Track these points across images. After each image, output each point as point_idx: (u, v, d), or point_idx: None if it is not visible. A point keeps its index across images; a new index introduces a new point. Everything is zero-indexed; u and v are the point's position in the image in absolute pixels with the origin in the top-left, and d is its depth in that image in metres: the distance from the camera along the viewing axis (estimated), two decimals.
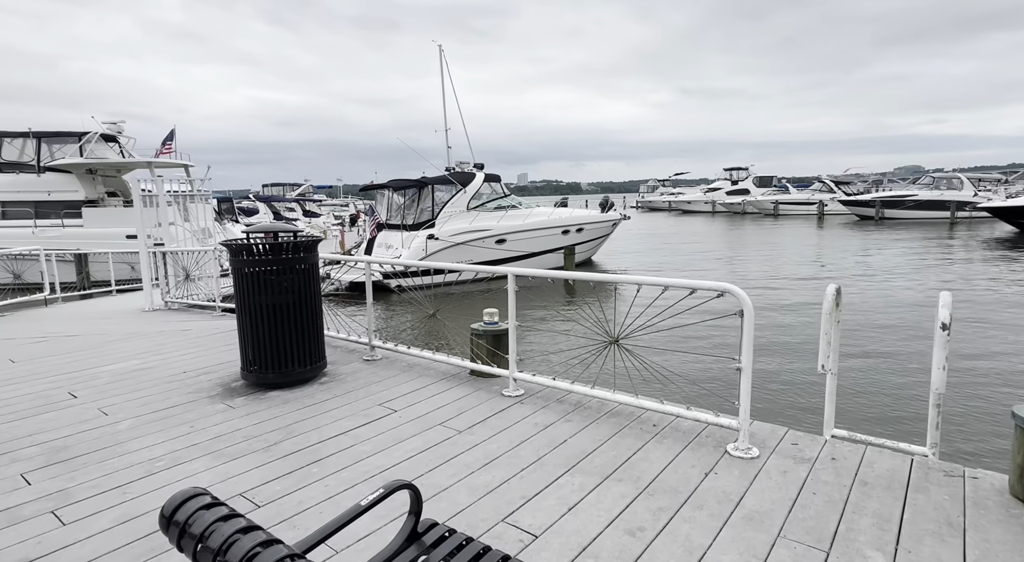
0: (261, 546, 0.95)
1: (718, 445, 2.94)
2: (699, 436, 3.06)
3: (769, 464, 2.72)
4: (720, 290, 2.84)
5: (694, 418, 3.15)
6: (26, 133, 15.66)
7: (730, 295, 2.81)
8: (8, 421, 3.48)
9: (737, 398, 2.90)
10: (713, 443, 2.97)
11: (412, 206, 15.60)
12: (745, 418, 2.85)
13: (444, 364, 4.47)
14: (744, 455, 2.80)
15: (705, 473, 2.65)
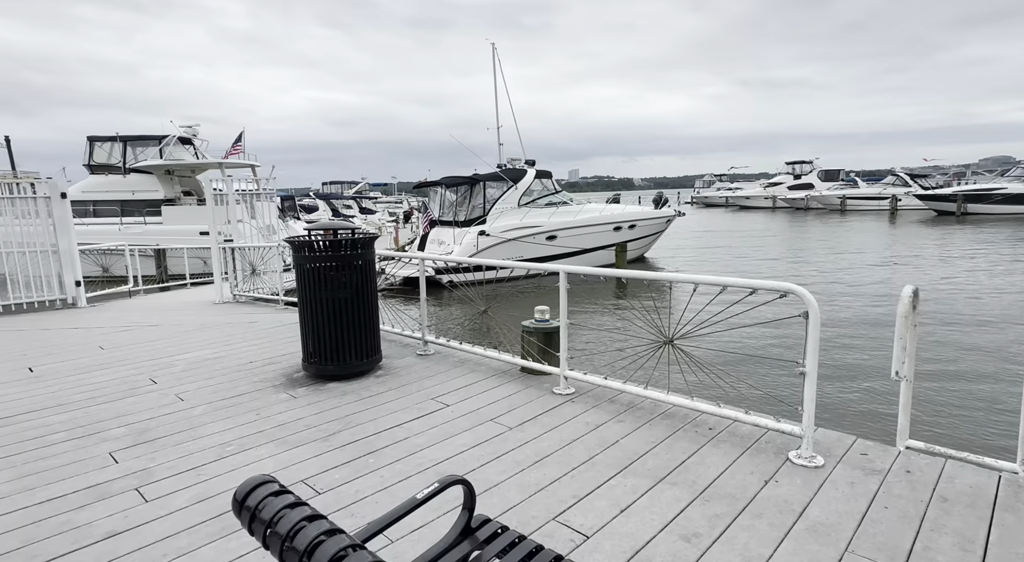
0: (325, 535, 0.99)
1: (779, 452, 2.82)
2: (758, 442, 2.94)
3: (835, 474, 2.58)
4: (783, 291, 2.72)
5: (753, 423, 3.04)
6: (114, 137, 16.98)
7: (794, 296, 2.68)
8: (98, 403, 3.79)
9: (800, 404, 2.77)
10: (773, 450, 2.85)
11: (464, 203, 15.80)
12: (809, 425, 2.72)
13: (495, 360, 4.51)
14: (807, 463, 2.67)
15: (765, 480, 2.54)
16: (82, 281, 7.83)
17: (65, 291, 7.69)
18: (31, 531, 2.31)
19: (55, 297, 7.65)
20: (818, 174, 48.18)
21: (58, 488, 2.66)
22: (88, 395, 3.96)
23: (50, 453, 3.04)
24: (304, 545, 0.98)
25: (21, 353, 5.15)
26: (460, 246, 14.43)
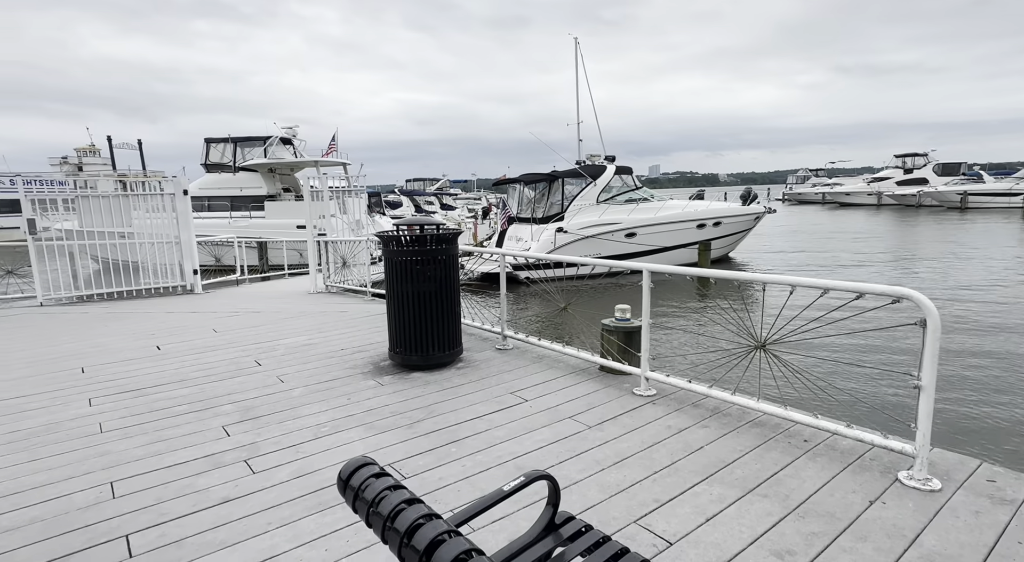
0: (423, 518, 1.03)
1: (886, 471, 2.59)
2: (861, 458, 2.72)
3: (955, 500, 2.33)
4: (897, 296, 2.48)
5: (855, 437, 2.81)
6: (226, 139, 18.66)
7: (909, 301, 2.44)
8: (212, 381, 4.19)
9: (913, 420, 2.52)
10: (880, 468, 2.62)
11: (542, 199, 15.82)
12: (924, 444, 2.47)
13: (573, 358, 4.49)
14: (921, 486, 2.43)
15: (870, 501, 2.35)
16: (199, 270, 8.68)
17: (184, 278, 8.57)
18: (160, 491, 2.61)
19: (176, 284, 8.54)
20: (934, 168, 43.53)
21: (181, 455, 2.97)
22: (204, 373, 4.39)
23: (173, 424, 3.40)
24: (404, 527, 1.03)
25: (150, 333, 5.80)
26: (538, 243, 14.47)
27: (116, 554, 2.15)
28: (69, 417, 3.51)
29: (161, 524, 2.34)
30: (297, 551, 2.16)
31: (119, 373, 4.41)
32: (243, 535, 2.26)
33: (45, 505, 2.49)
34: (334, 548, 2.17)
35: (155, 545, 2.20)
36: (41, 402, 3.78)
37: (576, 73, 18.73)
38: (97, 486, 2.65)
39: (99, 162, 37.53)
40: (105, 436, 3.22)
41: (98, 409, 3.64)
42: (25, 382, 4.21)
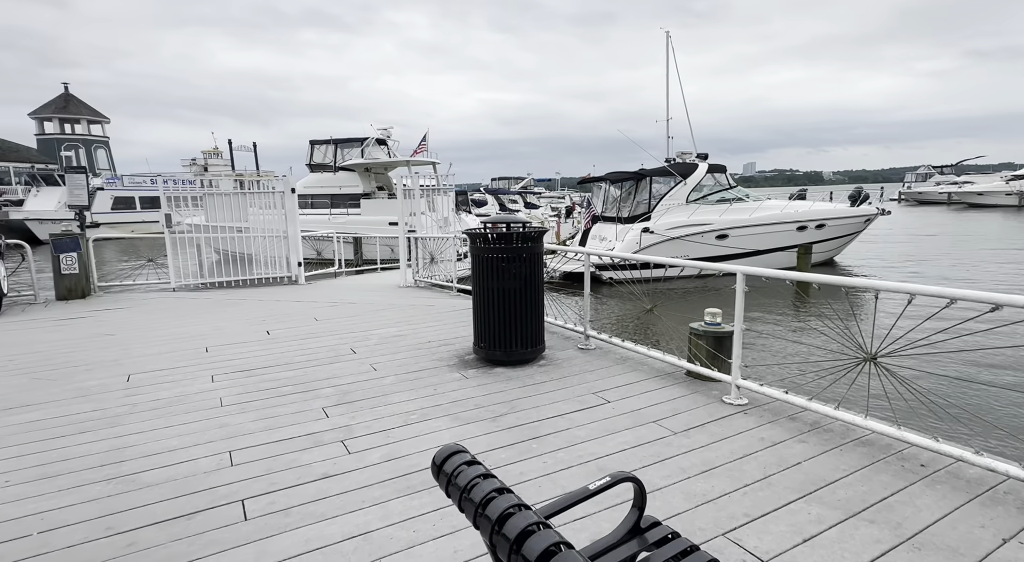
0: (513, 508, 1.06)
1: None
2: (992, 490, 2.42)
3: None
4: None
5: (986, 466, 2.50)
6: (328, 140, 20.04)
7: None
8: (313, 366, 4.53)
9: None
10: (1017, 503, 2.31)
11: (628, 198, 15.48)
12: None
13: (658, 361, 4.37)
14: None
15: (1004, 539, 2.08)
16: (303, 262, 9.40)
17: (290, 270, 9.31)
18: (270, 463, 2.87)
19: (283, 274, 9.30)
20: None
21: (287, 432, 3.25)
22: (306, 358, 4.75)
23: (280, 403, 3.72)
24: (495, 515, 1.07)
25: (261, 319, 6.37)
26: (622, 243, 14.19)
27: (234, 516, 2.39)
28: (195, 391, 3.95)
29: (271, 493, 2.58)
30: (388, 530, 2.29)
31: (236, 354, 4.89)
32: (340, 510, 2.43)
33: (177, 467, 2.83)
34: (421, 530, 2.27)
35: (266, 511, 2.43)
36: (174, 376, 4.28)
37: (667, 68, 18.13)
38: (218, 454, 2.97)
39: (221, 163, 41.60)
40: (224, 410, 3.59)
41: (219, 385, 4.06)
42: (161, 358, 4.79)
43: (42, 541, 2.23)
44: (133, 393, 3.91)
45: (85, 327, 6.06)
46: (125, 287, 8.92)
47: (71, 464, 2.87)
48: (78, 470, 2.80)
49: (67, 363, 4.66)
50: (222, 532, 2.28)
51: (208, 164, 39.50)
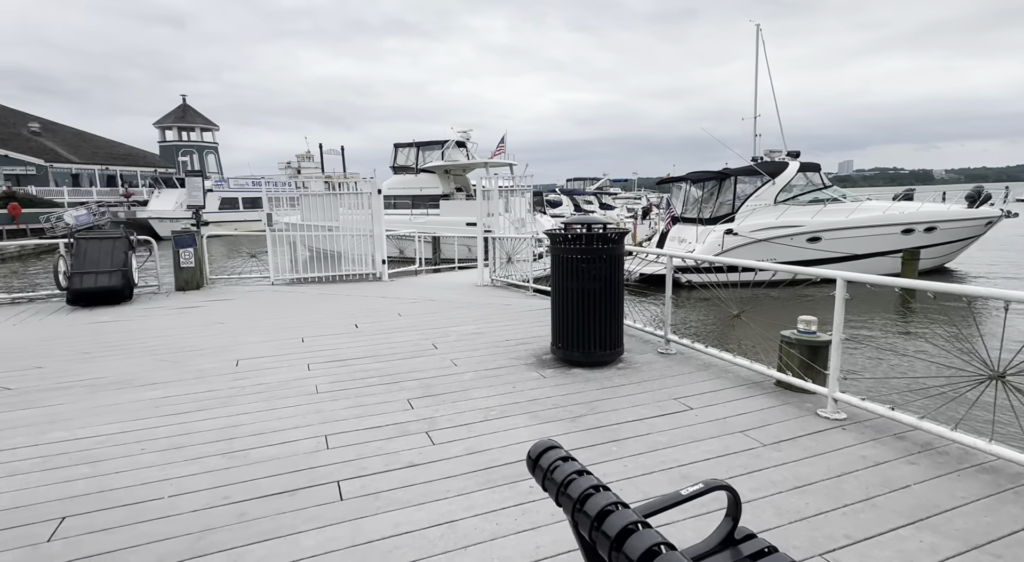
0: (612, 506, 1.07)
1: None
2: None
3: None
4: None
5: None
6: (411, 144, 20.86)
7: None
8: (398, 359, 4.75)
9: None
10: None
11: (710, 199, 14.88)
12: None
13: (745, 369, 4.18)
14: None
15: None
16: (386, 260, 9.85)
17: (375, 267, 9.79)
18: (361, 449, 3.05)
19: (368, 271, 9.79)
20: None
21: (376, 420, 3.43)
22: (391, 351, 4.99)
23: (369, 393, 3.93)
24: (593, 511, 1.09)
25: (350, 313, 6.75)
26: (703, 245, 13.66)
27: (330, 496, 2.57)
28: (294, 378, 4.26)
29: (362, 477, 2.74)
30: (472, 520, 2.36)
31: (328, 345, 5.23)
32: (426, 498, 2.55)
33: (281, 447, 3.07)
34: (504, 523, 2.33)
35: (358, 494, 2.59)
36: (275, 363, 4.65)
37: (755, 62, 17.22)
38: (315, 437, 3.19)
39: (312, 165, 44.45)
40: (320, 397, 3.85)
41: (314, 373, 4.36)
42: (264, 346, 5.21)
43: (171, 504, 2.51)
44: (241, 377, 4.28)
45: (199, 315, 6.71)
46: (231, 280, 9.77)
47: (192, 438, 3.20)
48: (198, 444, 3.12)
49: (186, 347, 5.19)
50: (321, 509, 2.45)
51: (301, 167, 42.34)
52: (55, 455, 3.00)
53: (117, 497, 2.56)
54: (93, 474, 2.78)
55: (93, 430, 3.31)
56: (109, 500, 2.54)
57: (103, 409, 3.65)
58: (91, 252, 7.58)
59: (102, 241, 7.75)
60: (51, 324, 6.39)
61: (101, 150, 46.14)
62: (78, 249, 7.61)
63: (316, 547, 2.19)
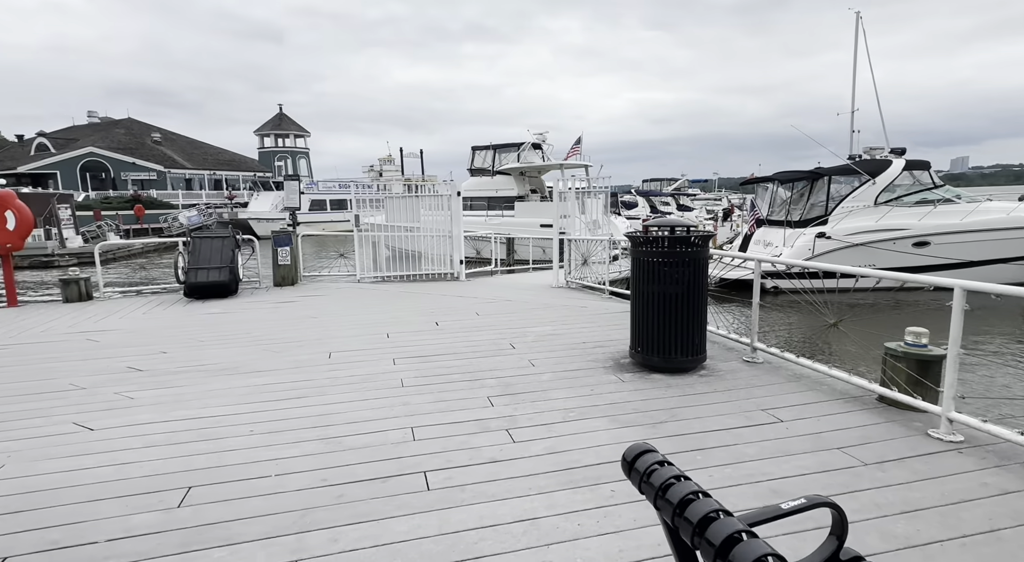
0: (716, 513, 1.06)
1: None
2: None
3: None
4: None
5: None
6: (488, 146, 21.27)
7: None
8: (477, 357, 4.88)
9: None
10: None
11: (800, 200, 13.99)
12: None
13: (842, 382, 3.92)
14: None
15: None
16: (464, 260, 10.12)
17: (453, 267, 10.08)
18: (445, 442, 3.17)
19: (446, 271, 10.10)
20: None
21: (458, 415, 3.55)
22: (471, 349, 5.13)
23: (451, 388, 4.07)
24: (696, 518, 1.08)
25: (430, 311, 7.01)
26: (791, 249, 12.87)
27: (418, 484, 2.70)
28: (381, 371, 4.49)
29: (447, 469, 2.85)
30: (553, 519, 2.39)
31: (411, 341, 5.46)
32: (508, 493, 2.61)
33: (371, 436, 3.26)
34: (586, 525, 2.34)
35: (444, 485, 2.69)
36: (364, 357, 4.92)
37: (854, 53, 15.98)
38: (403, 428, 3.36)
39: (392, 168, 46.39)
40: (405, 390, 4.04)
41: (399, 368, 4.57)
42: (353, 340, 5.54)
43: (277, 483, 2.74)
44: (334, 368, 4.58)
45: (295, 309, 7.23)
46: (321, 277, 10.43)
47: (292, 423, 3.46)
48: (298, 429, 3.38)
49: (284, 339, 5.62)
50: (410, 498, 2.58)
51: (383, 170, 44.33)
52: (180, 431, 3.36)
53: (232, 472, 2.84)
54: (212, 450, 3.09)
55: (210, 411, 3.68)
56: (226, 475, 2.81)
57: (217, 392, 4.04)
58: (204, 250, 8.38)
59: (213, 240, 8.55)
60: (172, 314, 7.13)
61: (210, 156, 50.78)
62: (194, 247, 8.44)
63: (407, 533, 2.31)
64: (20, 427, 3.46)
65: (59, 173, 40.29)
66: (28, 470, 2.90)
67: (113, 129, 47.86)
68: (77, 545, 2.25)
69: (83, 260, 19.99)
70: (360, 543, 2.24)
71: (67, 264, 20.20)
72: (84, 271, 8.79)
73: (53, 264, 20.44)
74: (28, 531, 2.36)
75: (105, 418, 3.59)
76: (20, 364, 4.92)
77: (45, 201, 22.05)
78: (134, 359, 4.97)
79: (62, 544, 2.26)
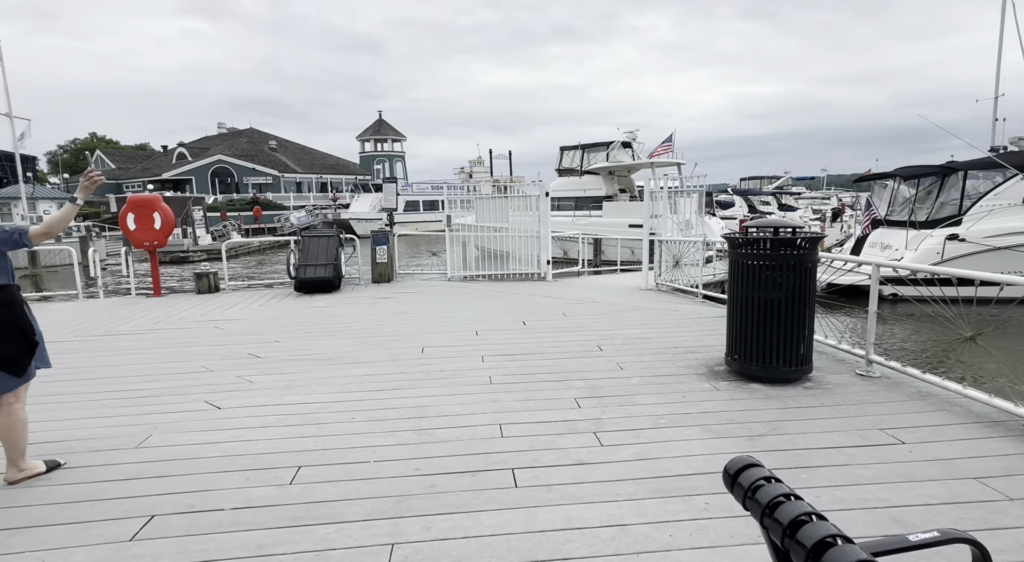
0: (832, 538, 0.98)
1: None
2: None
3: None
4: None
5: None
6: (576, 146, 21.15)
7: None
8: (564, 358, 4.86)
9: None
10: None
11: (927, 199, 12.52)
12: None
13: (980, 404, 3.46)
14: None
15: None
16: (551, 261, 10.13)
17: (539, 267, 10.13)
18: (532, 441, 3.19)
19: (533, 271, 10.17)
20: None
21: (545, 415, 3.56)
22: (558, 349, 5.13)
23: (538, 388, 4.09)
24: (810, 542, 1.00)
25: (517, 310, 7.09)
26: (915, 252, 11.56)
27: (506, 481, 2.74)
28: (470, 367, 4.62)
29: (534, 468, 2.87)
30: (643, 527, 2.33)
31: (499, 339, 5.56)
32: (596, 497, 2.57)
33: (462, 429, 3.36)
34: (677, 536, 2.26)
35: (531, 483, 2.72)
36: (454, 353, 5.09)
37: (1001, 29, 14.03)
38: (491, 425, 3.43)
39: (482, 170, 47.52)
40: (493, 387, 4.12)
41: (488, 365, 4.68)
42: (444, 336, 5.74)
43: (375, 469, 2.90)
44: (426, 363, 4.77)
45: (391, 305, 7.63)
46: (414, 275, 10.92)
47: (388, 413, 3.66)
48: (394, 418, 3.56)
49: (381, 333, 5.95)
50: (498, 493, 2.63)
51: (473, 171, 45.52)
52: (291, 414, 3.67)
53: (336, 456, 3.05)
54: (319, 434, 3.34)
55: (316, 397, 3.98)
56: (330, 457, 3.03)
57: (323, 380, 4.36)
58: (312, 248, 9.08)
59: (320, 239, 9.24)
60: (284, 306, 7.80)
61: (317, 162, 54.97)
62: (303, 245, 9.17)
63: (495, 527, 2.36)
64: (163, 402, 3.95)
65: (194, 178, 45.56)
66: (169, 441, 3.31)
67: (237, 138, 53.28)
68: (208, 510, 2.53)
69: (212, 256, 22.43)
70: (451, 533, 2.32)
71: (199, 259, 22.81)
72: (212, 265, 9.86)
73: (188, 259, 23.14)
74: (170, 495, 2.69)
75: (230, 398, 4.00)
76: (162, 347, 5.61)
77: (183, 204, 25.03)
78: (253, 347, 5.49)
79: (196, 508, 2.56)
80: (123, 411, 3.80)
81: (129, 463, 3.03)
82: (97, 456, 3.12)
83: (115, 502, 2.63)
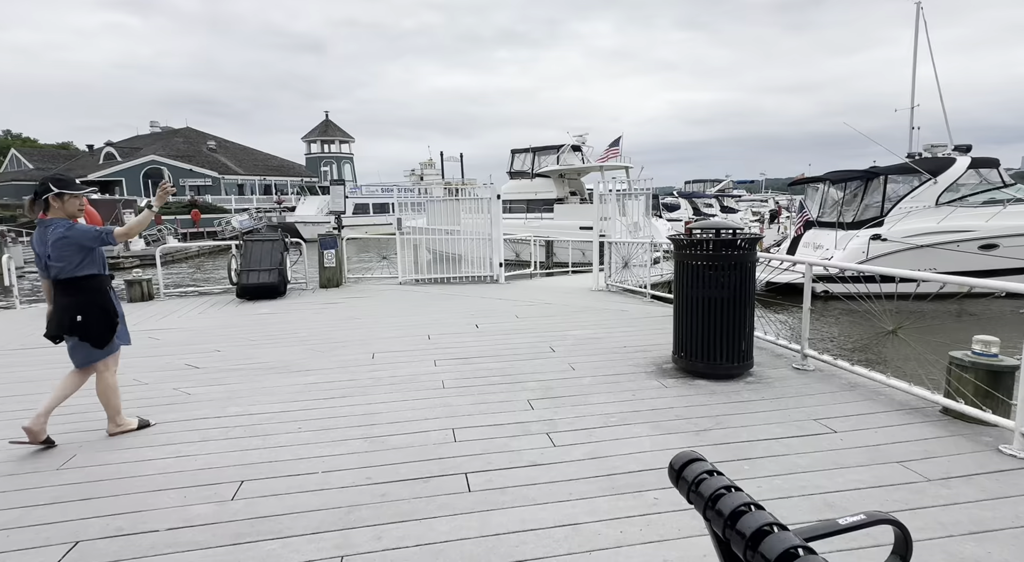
0: (770, 526, 1.02)
1: None
2: None
3: None
4: None
5: None
6: (527, 149, 21.30)
7: None
8: (518, 360, 4.88)
9: None
10: None
11: (853, 201, 13.38)
12: None
13: (901, 393, 3.72)
14: None
15: None
16: (503, 263, 10.15)
17: (492, 270, 10.14)
18: (485, 444, 3.18)
19: (486, 273, 10.16)
20: None
21: (498, 418, 3.56)
22: (511, 352, 5.14)
23: (491, 390, 4.09)
24: (748, 530, 1.04)
25: (470, 313, 7.06)
26: (843, 252, 12.32)
27: (459, 486, 2.72)
28: (423, 372, 4.56)
29: (488, 471, 2.86)
30: (595, 525, 2.36)
31: (452, 343, 5.52)
32: (549, 498, 2.59)
33: (414, 436, 3.31)
34: (628, 532, 2.30)
35: (485, 487, 2.70)
36: (406, 358, 5.01)
37: (914, 46, 15.19)
38: (444, 429, 3.39)
39: (433, 172, 47.11)
40: (446, 391, 4.08)
41: (440, 369, 4.63)
42: (395, 341, 5.64)
43: (324, 479, 2.81)
44: (377, 369, 4.67)
45: (340, 311, 7.43)
46: (364, 279, 10.68)
47: (338, 421, 3.55)
48: (343, 427, 3.46)
49: (330, 339, 5.78)
50: (451, 498, 2.60)
51: (423, 174, 45.06)
52: (233, 426, 3.50)
53: (282, 468, 2.93)
54: (263, 446, 3.20)
55: (261, 408, 3.82)
56: (276, 470, 2.91)
57: (267, 390, 4.19)
58: (255, 253, 8.72)
59: (263, 243, 8.89)
60: (225, 314, 7.45)
61: (260, 163, 52.87)
62: (245, 250, 8.80)
63: (449, 533, 2.33)
64: (88, 419, 3.68)
65: (124, 180, 42.84)
66: (95, 460, 3.09)
67: (172, 138, 50.53)
68: (140, 532, 2.38)
69: (145, 262, 21.15)
70: (403, 542, 2.27)
71: (131, 265, 21.45)
72: (146, 272, 9.30)
73: (119, 265, 21.73)
74: (97, 518, 2.51)
75: (165, 413, 3.78)
76: None
77: (112, 207, 23.49)
78: (192, 357, 5.22)
79: (126, 531, 2.39)
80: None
81: (50, 486, 2.80)
82: (12, 480, 2.88)
83: (34, 529, 2.43)
